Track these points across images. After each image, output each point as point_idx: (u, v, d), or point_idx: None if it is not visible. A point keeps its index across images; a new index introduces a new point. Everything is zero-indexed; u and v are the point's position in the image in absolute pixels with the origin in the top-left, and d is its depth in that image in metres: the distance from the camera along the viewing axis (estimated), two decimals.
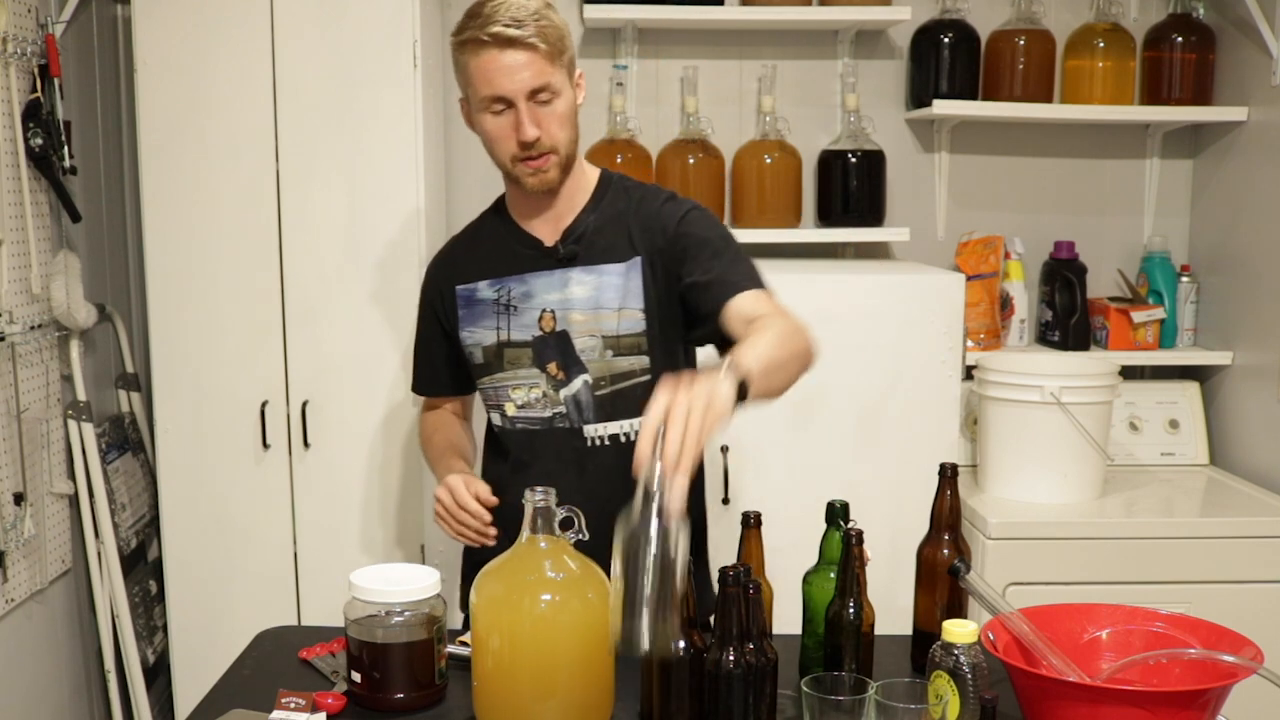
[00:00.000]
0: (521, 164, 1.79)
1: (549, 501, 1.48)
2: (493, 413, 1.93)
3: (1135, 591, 2.17)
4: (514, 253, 1.89)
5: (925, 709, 1.38)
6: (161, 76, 2.55)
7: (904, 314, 2.56)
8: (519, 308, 1.86)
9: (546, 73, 1.74)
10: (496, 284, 1.89)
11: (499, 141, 1.79)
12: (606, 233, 1.86)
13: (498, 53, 1.72)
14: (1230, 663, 1.44)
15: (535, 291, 1.86)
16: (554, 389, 1.85)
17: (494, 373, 1.89)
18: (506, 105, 1.75)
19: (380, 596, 1.57)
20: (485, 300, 1.89)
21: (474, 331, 1.90)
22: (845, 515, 1.65)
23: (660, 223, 1.84)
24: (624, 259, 1.84)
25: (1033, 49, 2.87)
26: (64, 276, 2.56)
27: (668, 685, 1.45)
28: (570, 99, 1.80)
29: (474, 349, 1.90)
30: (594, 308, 1.84)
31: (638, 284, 1.84)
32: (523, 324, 1.86)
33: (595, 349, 1.84)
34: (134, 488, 2.86)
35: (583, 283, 1.85)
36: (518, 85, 1.73)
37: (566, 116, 1.79)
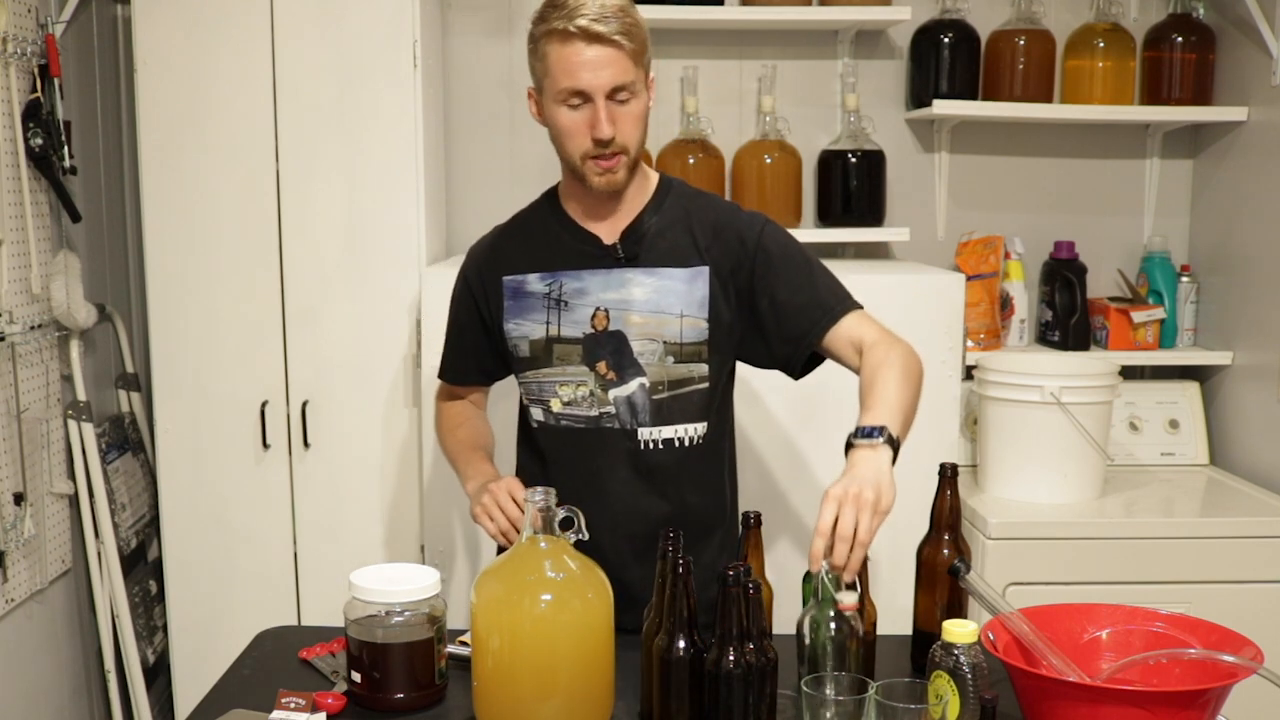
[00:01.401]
0: (592, 161, 1.76)
1: (549, 501, 1.48)
2: (534, 407, 1.88)
3: (1135, 591, 2.17)
4: (569, 248, 1.85)
5: (925, 709, 1.38)
6: (161, 76, 2.55)
7: (904, 314, 2.55)
8: (570, 303, 1.84)
9: (628, 72, 1.71)
10: (548, 278, 1.85)
11: (572, 136, 1.75)
12: (668, 236, 1.84)
13: (583, 46, 1.69)
14: (1230, 663, 1.44)
15: (590, 289, 1.83)
16: (602, 389, 1.82)
17: (540, 367, 1.85)
18: (584, 100, 1.72)
19: (380, 596, 1.57)
20: (535, 293, 1.86)
21: (520, 324, 1.87)
22: None
23: (737, 235, 1.84)
24: (687, 265, 1.82)
25: (1033, 49, 2.87)
26: (64, 276, 2.56)
27: (668, 685, 1.45)
28: (645, 101, 1.78)
29: (520, 341, 1.87)
30: (655, 311, 1.82)
31: (704, 293, 1.82)
32: (574, 320, 1.83)
33: (655, 353, 1.82)
34: (134, 488, 2.86)
35: (642, 285, 1.83)
36: (600, 81, 1.70)
37: (640, 118, 1.76)
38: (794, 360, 1.85)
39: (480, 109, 2.99)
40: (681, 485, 1.85)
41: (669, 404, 1.83)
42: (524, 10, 2.96)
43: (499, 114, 3.00)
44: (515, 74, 2.98)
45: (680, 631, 1.44)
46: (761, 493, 2.54)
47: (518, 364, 1.89)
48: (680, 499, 1.85)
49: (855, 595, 1.52)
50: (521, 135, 3.00)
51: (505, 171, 3.02)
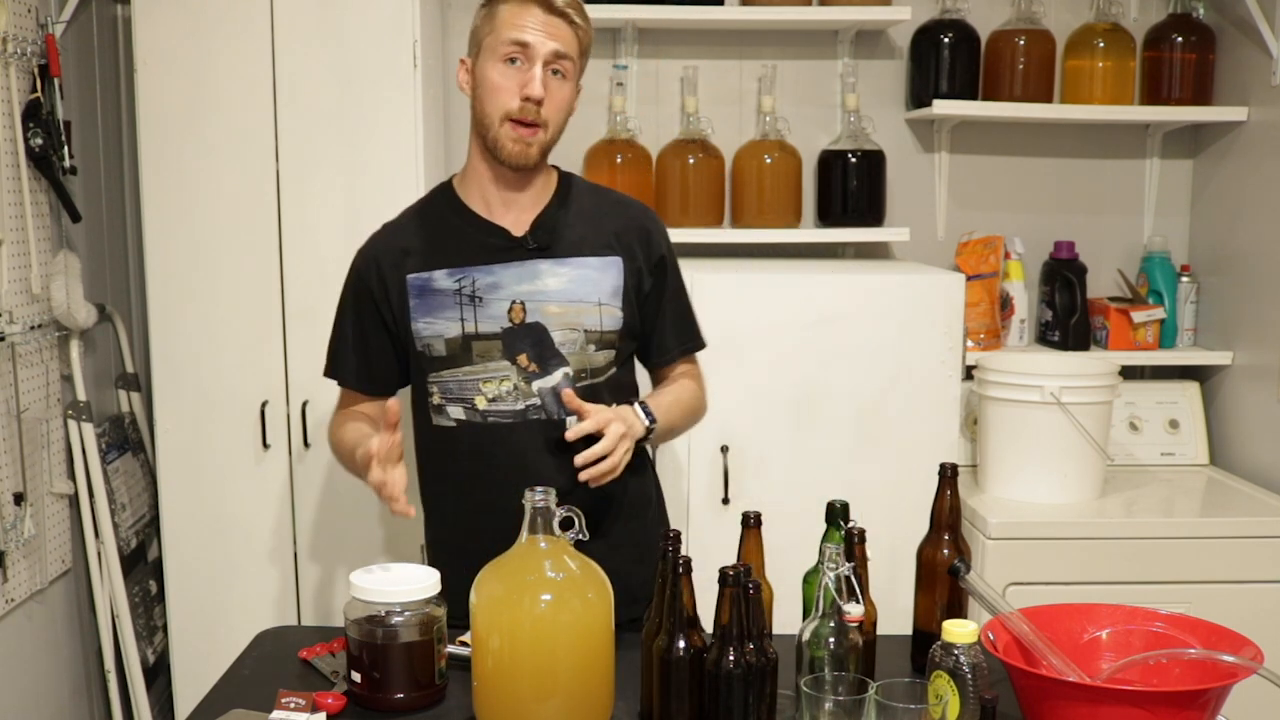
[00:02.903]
0: (511, 125, 1.78)
1: (549, 501, 1.48)
2: (453, 407, 1.85)
3: (1135, 591, 2.17)
4: (476, 242, 1.85)
5: (925, 709, 1.38)
6: (161, 76, 2.55)
7: (904, 314, 2.56)
8: (484, 299, 1.82)
9: (571, 49, 1.79)
10: (457, 273, 1.83)
11: (500, 92, 1.78)
12: (578, 227, 1.87)
13: (539, 10, 1.77)
14: (1230, 663, 1.44)
15: (504, 282, 1.82)
16: (525, 381, 1.82)
17: (459, 365, 1.83)
18: (524, 59, 1.77)
19: (380, 596, 1.57)
20: (444, 290, 1.83)
21: (432, 322, 1.84)
22: (845, 515, 1.65)
23: (644, 232, 1.92)
24: (599, 254, 1.87)
25: (1033, 49, 2.87)
26: (64, 276, 2.56)
27: (668, 685, 1.45)
28: (573, 95, 1.83)
29: (433, 340, 1.83)
30: (573, 300, 1.83)
31: (617, 282, 1.86)
32: (489, 315, 1.82)
33: (577, 342, 1.84)
34: (134, 488, 2.86)
35: (557, 275, 1.84)
36: (545, 43, 1.77)
37: (566, 104, 1.82)
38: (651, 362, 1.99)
39: None
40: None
41: (590, 391, 1.84)
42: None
43: None
44: None
45: (680, 631, 1.44)
46: (761, 493, 2.54)
47: (430, 364, 1.85)
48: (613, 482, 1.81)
49: (860, 607, 1.53)
50: None
51: None
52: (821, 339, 2.56)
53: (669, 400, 1.91)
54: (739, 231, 2.91)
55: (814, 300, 2.57)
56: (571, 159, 2.97)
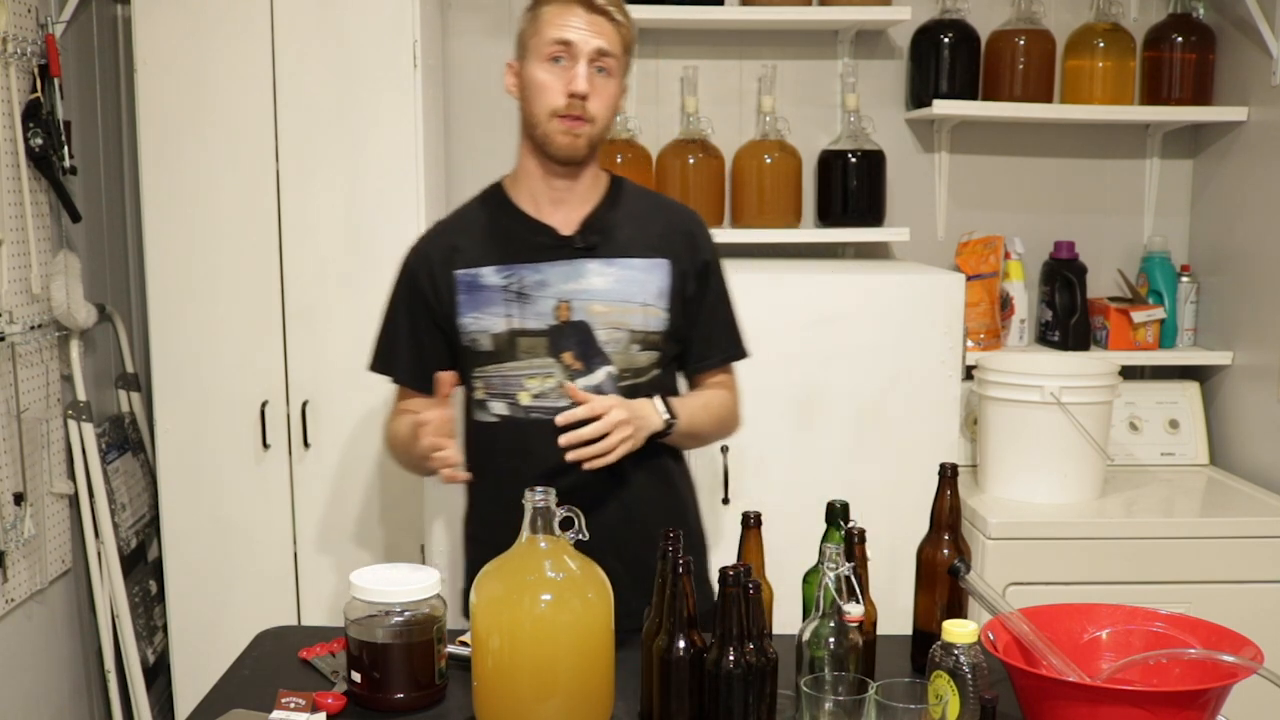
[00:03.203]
0: (559, 120, 1.81)
1: (549, 502, 1.48)
2: (495, 402, 1.88)
3: (1135, 591, 2.17)
4: (524, 240, 1.87)
5: (925, 709, 1.38)
6: (161, 76, 2.55)
7: (904, 314, 2.56)
8: (531, 296, 1.85)
9: (615, 46, 1.82)
10: (505, 270, 1.86)
11: (546, 90, 1.81)
12: (626, 228, 1.89)
13: (581, 10, 1.80)
14: (1230, 663, 1.44)
15: (550, 281, 1.85)
16: (569, 379, 1.84)
17: (504, 361, 1.86)
18: (568, 57, 1.80)
19: (380, 596, 1.57)
20: (491, 286, 1.86)
21: (479, 318, 1.87)
22: (845, 515, 1.65)
23: (696, 240, 1.94)
24: (646, 256, 1.88)
25: (1033, 49, 2.87)
26: (64, 276, 2.56)
27: (668, 685, 1.45)
28: (619, 91, 1.86)
29: (479, 336, 1.86)
30: (618, 300, 1.86)
31: (664, 285, 1.89)
32: (536, 313, 1.85)
33: (621, 342, 1.86)
34: (134, 488, 2.86)
35: (603, 274, 1.86)
36: (588, 40, 1.79)
37: (612, 100, 1.84)
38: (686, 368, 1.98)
39: (480, 109, 2.99)
40: (650, 469, 1.88)
41: (631, 391, 1.85)
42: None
43: (499, 114, 3.00)
44: None
45: (680, 631, 1.44)
46: (761, 493, 2.54)
47: (475, 358, 1.88)
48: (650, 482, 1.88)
49: (860, 608, 1.53)
50: None
51: (505, 172, 3.01)
52: (821, 339, 2.56)
53: (697, 404, 1.92)
54: (739, 231, 2.91)
55: (814, 300, 2.57)
56: None
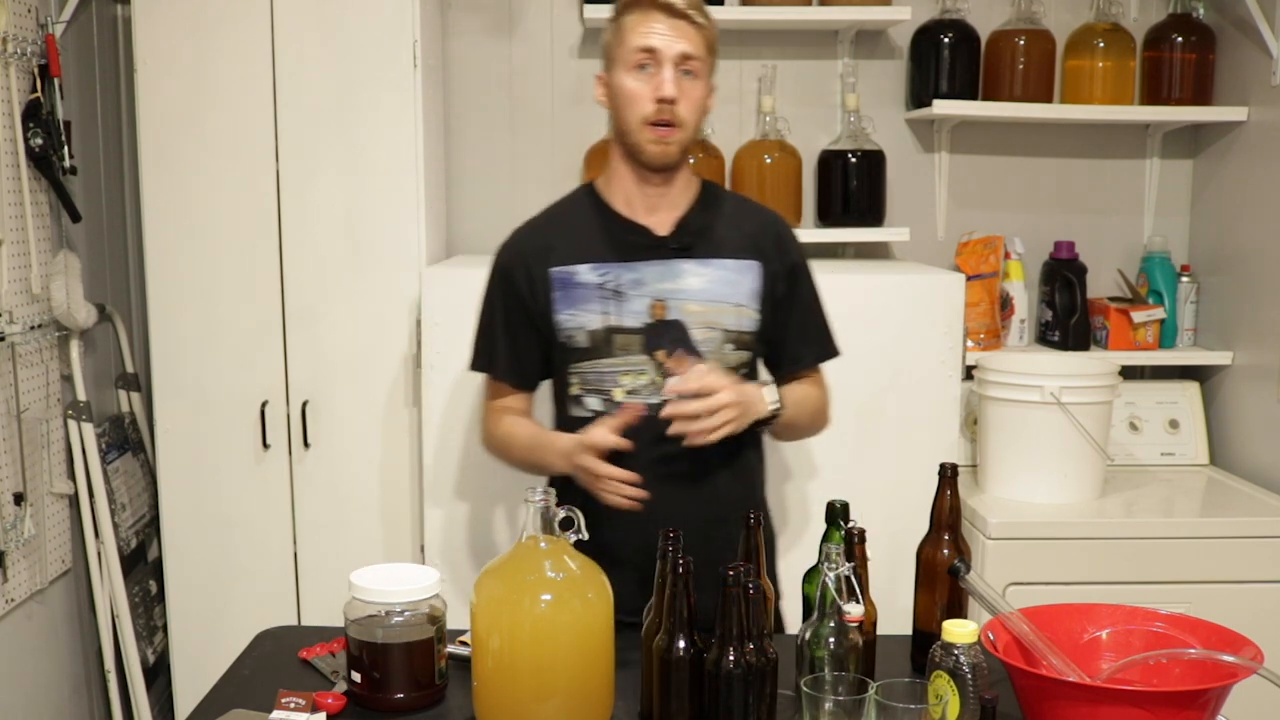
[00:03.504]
0: (650, 128, 1.84)
1: (549, 502, 1.48)
2: (590, 397, 1.89)
3: (1135, 591, 2.17)
4: (620, 240, 1.91)
5: (925, 709, 1.38)
6: (161, 76, 2.55)
7: (904, 314, 2.56)
8: (627, 294, 1.88)
9: (699, 48, 1.84)
10: (601, 269, 1.89)
11: (635, 100, 1.84)
12: (719, 230, 1.93)
13: (662, 16, 1.83)
14: (1230, 663, 1.44)
15: (646, 280, 1.88)
16: (662, 376, 1.86)
17: (600, 358, 1.88)
18: (653, 64, 1.82)
19: (380, 596, 1.57)
20: (587, 284, 1.89)
21: (575, 315, 1.89)
22: (845, 515, 1.65)
23: (784, 243, 1.98)
24: (739, 258, 1.92)
25: (1033, 49, 2.87)
26: (64, 276, 2.56)
27: (668, 685, 1.45)
28: (706, 93, 1.88)
29: (575, 332, 1.89)
30: (713, 300, 1.89)
31: (755, 285, 1.93)
32: (632, 311, 1.88)
33: (715, 341, 1.89)
34: (134, 488, 2.86)
35: (698, 275, 1.89)
36: (671, 45, 1.82)
37: (699, 102, 1.87)
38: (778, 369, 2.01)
39: (480, 109, 2.99)
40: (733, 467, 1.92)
41: None
42: (524, 10, 2.97)
43: (499, 114, 3.00)
44: (515, 74, 2.98)
45: (680, 631, 1.44)
46: None
47: (571, 355, 1.90)
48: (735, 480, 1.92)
49: (860, 607, 1.53)
50: (521, 135, 3.00)
51: (505, 171, 3.02)
52: None
53: (798, 395, 1.96)
54: None
55: None
56: (572, 159, 2.97)
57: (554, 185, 3.00)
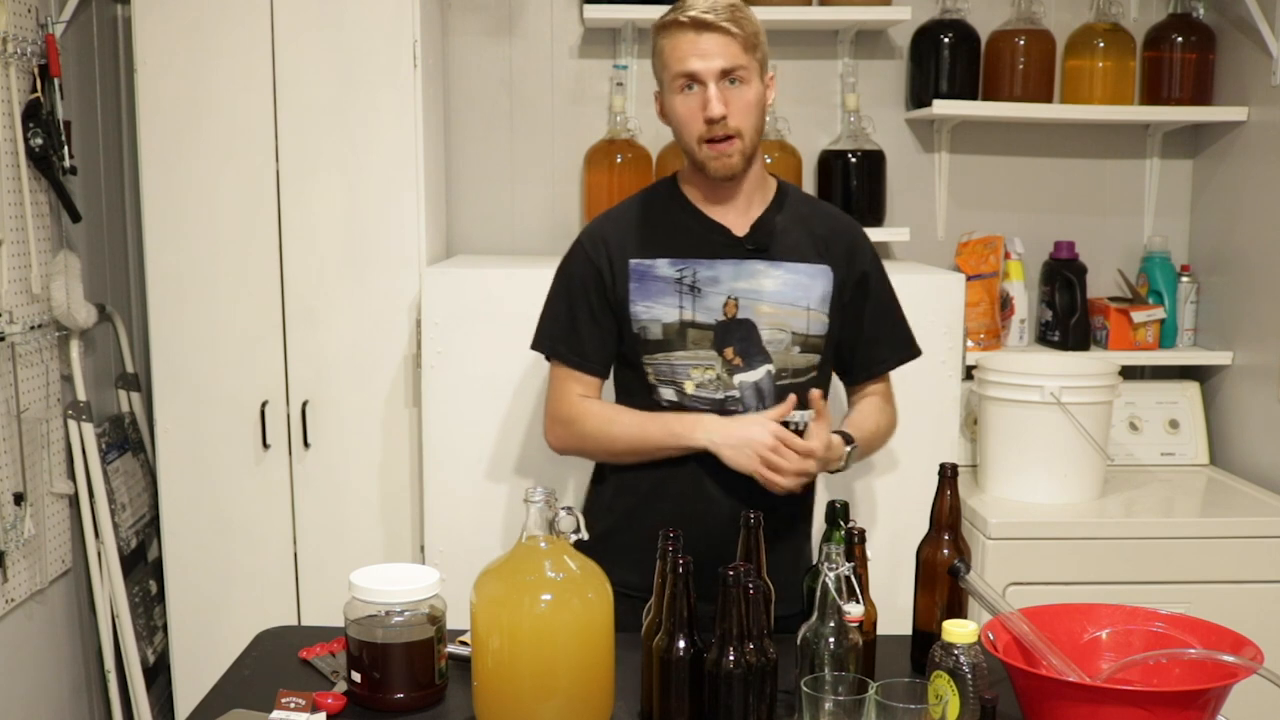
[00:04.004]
0: (707, 145, 1.86)
1: (549, 502, 1.48)
2: (664, 388, 1.91)
3: (1135, 591, 2.17)
4: (699, 237, 1.93)
5: (925, 709, 1.38)
6: (161, 76, 2.55)
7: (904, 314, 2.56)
8: (703, 290, 1.90)
9: (738, 57, 1.83)
10: (679, 264, 1.91)
11: (687, 122, 1.86)
12: (793, 233, 1.95)
13: (694, 34, 1.83)
14: (1230, 663, 1.44)
15: (722, 278, 1.90)
16: (728, 373, 1.89)
17: (673, 350, 1.90)
18: (697, 84, 1.83)
19: (380, 596, 1.57)
20: (665, 278, 1.91)
21: (650, 307, 1.91)
22: (845, 515, 1.65)
23: (856, 248, 2.00)
24: (812, 261, 1.94)
25: (1033, 49, 2.87)
26: (64, 276, 2.56)
27: (668, 685, 1.45)
28: (760, 91, 1.88)
29: (650, 324, 1.91)
30: (784, 303, 1.91)
31: (826, 289, 1.95)
32: (706, 307, 1.90)
33: (784, 342, 1.91)
34: (134, 488, 2.86)
35: (772, 277, 1.91)
36: (709, 65, 1.82)
37: (754, 104, 1.86)
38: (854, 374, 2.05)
39: (480, 109, 2.99)
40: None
41: (787, 390, 1.89)
42: (524, 10, 2.97)
43: (499, 114, 3.00)
44: (515, 74, 2.98)
45: (680, 631, 1.44)
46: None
47: (645, 346, 1.92)
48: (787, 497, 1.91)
49: (860, 607, 1.53)
50: (521, 135, 3.01)
51: (505, 171, 3.02)
52: None
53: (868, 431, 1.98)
54: None
55: None
56: (572, 159, 2.97)
57: (554, 185, 3.01)
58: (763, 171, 1.98)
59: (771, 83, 1.92)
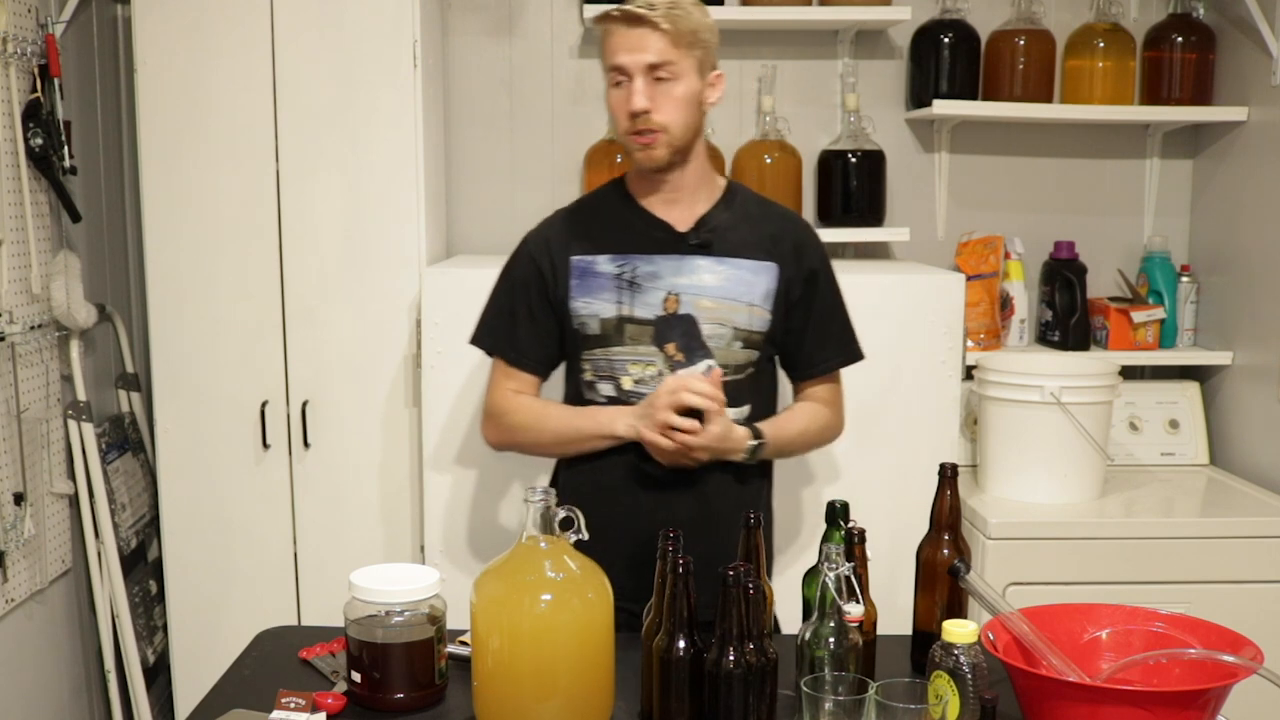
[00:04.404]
0: (631, 137, 1.88)
1: (549, 502, 1.48)
2: (603, 384, 1.93)
3: (1135, 591, 2.17)
4: (641, 233, 1.94)
5: (925, 709, 1.38)
6: (161, 76, 2.55)
7: (904, 314, 2.56)
8: (642, 286, 1.91)
9: (666, 52, 1.84)
10: (619, 260, 1.93)
11: (616, 114, 1.89)
12: (740, 231, 1.96)
13: (625, 28, 1.85)
14: (1230, 663, 1.44)
15: (662, 273, 1.91)
16: (670, 368, 1.89)
17: (611, 345, 1.92)
18: (626, 78, 1.85)
19: (380, 596, 1.57)
20: (604, 274, 1.93)
21: (589, 303, 1.93)
22: (845, 515, 1.65)
23: (806, 246, 2.00)
24: (757, 258, 1.94)
25: (1033, 49, 2.87)
26: (64, 276, 2.56)
27: (668, 685, 1.45)
28: (692, 87, 1.87)
29: (589, 320, 1.93)
30: (726, 298, 1.92)
31: (770, 286, 1.95)
32: (645, 302, 1.91)
33: (725, 338, 1.92)
34: (134, 488, 2.86)
35: (714, 272, 1.92)
36: (635, 59, 1.84)
37: (683, 101, 1.86)
38: (797, 371, 2.04)
39: (480, 109, 2.99)
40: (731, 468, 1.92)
41: (733, 387, 1.90)
42: (524, 10, 2.97)
43: (499, 114, 3.00)
44: (515, 74, 2.98)
45: (680, 631, 1.44)
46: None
47: (584, 341, 1.93)
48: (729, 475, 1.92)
49: (860, 607, 1.53)
50: (521, 135, 3.00)
51: (505, 171, 3.02)
52: None
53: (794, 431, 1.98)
54: None
55: None
56: (572, 159, 2.97)
57: (554, 185, 3.01)
58: (707, 170, 1.99)
59: (718, 82, 1.92)
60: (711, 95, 1.92)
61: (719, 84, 1.93)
